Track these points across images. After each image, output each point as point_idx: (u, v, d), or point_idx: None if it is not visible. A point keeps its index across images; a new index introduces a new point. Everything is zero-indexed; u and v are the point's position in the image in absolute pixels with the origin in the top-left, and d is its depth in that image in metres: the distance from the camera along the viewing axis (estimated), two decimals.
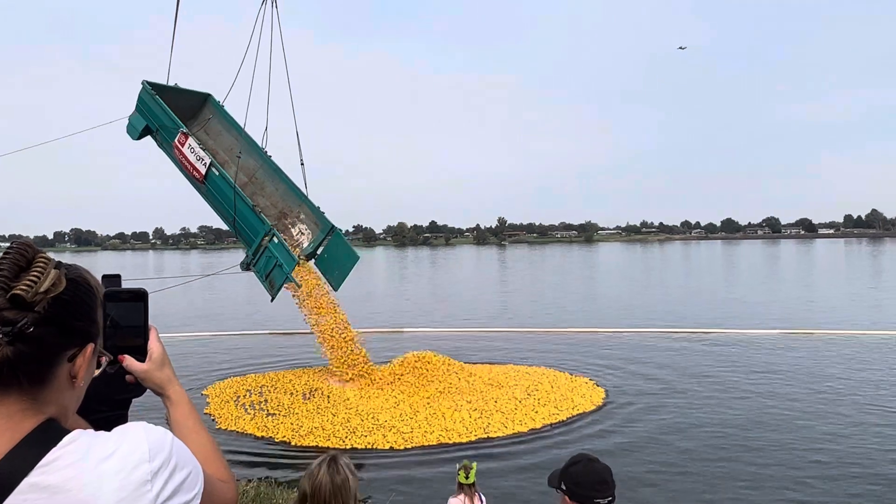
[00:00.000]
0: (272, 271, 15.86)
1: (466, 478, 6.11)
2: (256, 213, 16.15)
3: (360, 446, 11.60)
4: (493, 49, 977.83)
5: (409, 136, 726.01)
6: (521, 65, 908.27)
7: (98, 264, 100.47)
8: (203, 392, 15.33)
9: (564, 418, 12.95)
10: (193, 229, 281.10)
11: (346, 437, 11.99)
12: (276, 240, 15.81)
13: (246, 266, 16.62)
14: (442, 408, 13.37)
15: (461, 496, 6.12)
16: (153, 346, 1.56)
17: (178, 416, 1.56)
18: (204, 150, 16.54)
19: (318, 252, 17.40)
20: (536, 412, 13.18)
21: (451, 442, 11.72)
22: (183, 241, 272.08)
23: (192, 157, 16.42)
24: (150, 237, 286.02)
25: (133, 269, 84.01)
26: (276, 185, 17.95)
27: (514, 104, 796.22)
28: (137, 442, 1.15)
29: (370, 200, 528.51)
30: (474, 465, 6.26)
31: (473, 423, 12.50)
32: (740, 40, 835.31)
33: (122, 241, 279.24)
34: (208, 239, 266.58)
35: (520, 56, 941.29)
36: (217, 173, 16.28)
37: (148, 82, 16.85)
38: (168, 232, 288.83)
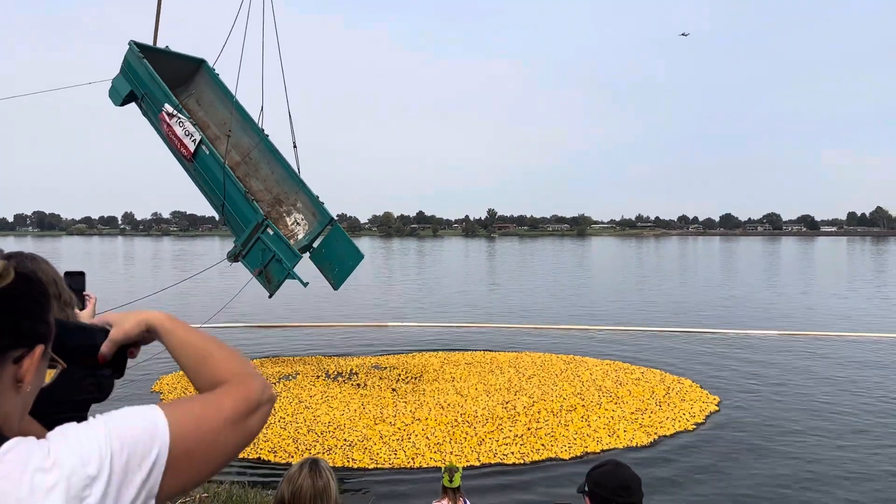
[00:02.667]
0: (268, 265, 15.45)
1: (451, 481, 6.05)
2: (248, 200, 15.58)
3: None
4: (489, 34, 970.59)
5: (398, 122, 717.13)
6: (517, 51, 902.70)
7: (62, 250, 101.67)
8: (153, 389, 14.35)
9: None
10: (166, 214, 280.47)
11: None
12: (270, 231, 15.39)
13: (234, 257, 16.02)
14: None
15: (445, 500, 6.08)
16: (107, 317, 1.41)
17: (176, 343, 1.37)
18: (194, 126, 15.85)
19: (315, 245, 16.78)
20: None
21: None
22: (154, 226, 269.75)
23: (179, 132, 15.73)
24: (119, 222, 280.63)
25: (102, 258, 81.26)
26: (272, 167, 17.17)
27: (508, 91, 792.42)
28: (73, 446, 1.03)
29: (355, 188, 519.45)
30: (459, 468, 6.28)
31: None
32: (745, 28, 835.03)
33: (89, 226, 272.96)
34: (181, 225, 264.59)
35: (517, 41, 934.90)
36: (207, 152, 15.70)
37: (136, 43, 15.92)
38: (138, 217, 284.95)
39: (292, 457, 10.43)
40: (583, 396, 13.62)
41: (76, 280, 1.74)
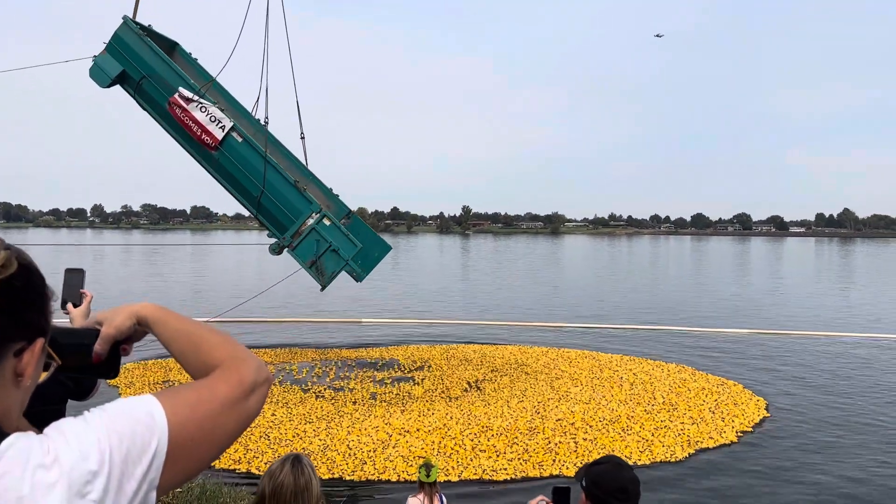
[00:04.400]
0: (322, 256, 15.16)
1: (427, 476, 6.07)
2: (300, 190, 15.29)
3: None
4: (467, 30, 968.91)
5: (373, 118, 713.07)
6: (495, 47, 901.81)
7: (28, 242, 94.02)
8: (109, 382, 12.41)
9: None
10: (136, 207, 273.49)
11: None
12: (326, 221, 15.21)
13: (279, 250, 15.56)
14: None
15: (420, 495, 6.09)
16: (97, 315, 1.41)
17: (168, 333, 1.35)
18: (222, 111, 15.29)
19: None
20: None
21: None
22: (124, 219, 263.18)
23: (201, 118, 15.02)
24: (88, 214, 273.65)
25: (72, 251, 77.68)
26: (275, 158, 15.92)
27: (485, 88, 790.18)
28: (72, 442, 1.01)
29: (328, 183, 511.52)
30: (436, 463, 6.53)
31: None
32: (720, 29, 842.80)
33: (57, 218, 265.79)
34: (152, 218, 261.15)
35: (495, 38, 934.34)
36: (240, 140, 15.23)
37: (131, 19, 15.31)
38: (108, 209, 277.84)
39: (239, 462, 9.85)
40: (630, 405, 12.74)
41: (76, 277, 1.73)
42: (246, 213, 17.55)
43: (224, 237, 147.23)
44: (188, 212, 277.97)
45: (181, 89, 15.09)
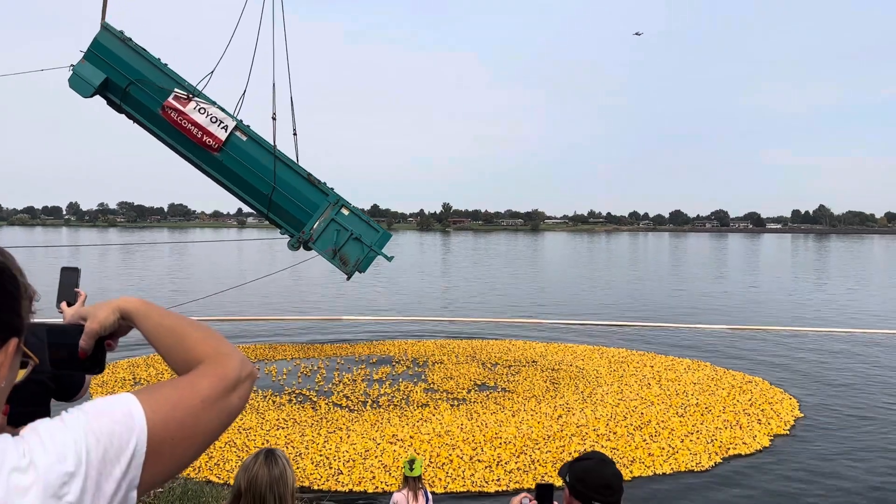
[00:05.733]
0: (344, 245, 15.10)
1: (411, 470, 6.11)
2: (314, 183, 15.11)
3: None
4: (447, 27, 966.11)
5: (353, 115, 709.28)
6: (475, 45, 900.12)
7: (3, 241, 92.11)
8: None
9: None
10: (112, 205, 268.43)
11: None
12: (345, 211, 15.14)
13: (298, 246, 15.30)
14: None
15: (405, 490, 6.13)
16: (80, 311, 1.40)
17: (151, 327, 1.33)
18: (223, 111, 14.88)
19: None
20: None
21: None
22: (101, 217, 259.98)
23: (201, 120, 14.52)
24: (64, 212, 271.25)
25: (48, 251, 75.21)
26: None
27: (465, 86, 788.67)
28: (47, 443, 1.00)
29: None
30: (419, 457, 6.68)
31: None
32: (700, 28, 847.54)
33: (31, 216, 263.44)
34: (129, 216, 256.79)
35: (475, 35, 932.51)
36: (245, 138, 14.89)
37: (109, 25, 14.63)
38: (84, 207, 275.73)
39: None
40: (661, 407, 12.17)
41: (71, 276, 1.74)
42: (225, 210, 17.37)
43: (203, 235, 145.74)
44: (166, 209, 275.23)
45: (176, 91, 14.55)
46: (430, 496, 6.30)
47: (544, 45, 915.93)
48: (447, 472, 9.20)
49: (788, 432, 11.36)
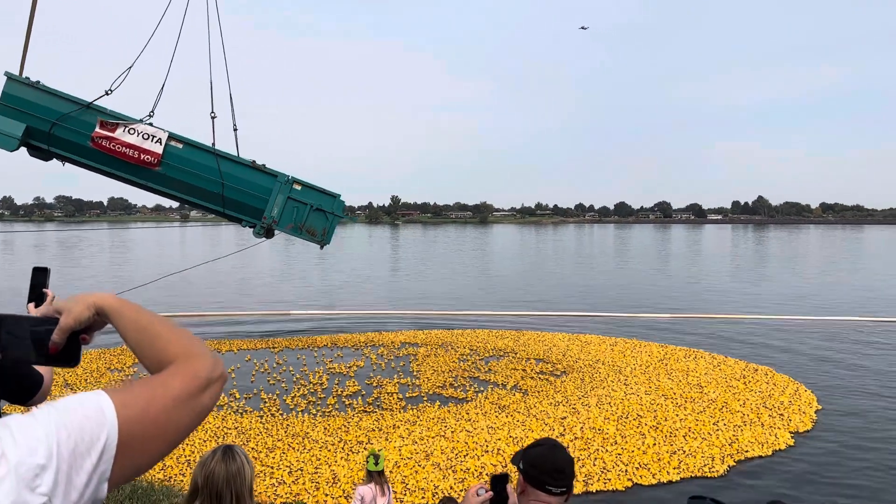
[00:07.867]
0: (307, 219, 15.36)
1: (376, 465, 6.14)
2: (260, 169, 15.29)
3: None
4: (398, 18, 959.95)
5: (299, 108, 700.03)
6: (427, 37, 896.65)
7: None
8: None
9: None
10: (49, 199, 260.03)
11: None
12: (297, 186, 15.38)
13: (265, 233, 15.23)
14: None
15: (371, 484, 6.12)
16: (56, 305, 1.39)
17: (126, 324, 1.34)
18: (151, 124, 14.70)
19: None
20: None
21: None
22: (37, 212, 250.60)
23: (134, 140, 14.42)
24: None
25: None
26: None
27: (414, 78, 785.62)
28: (17, 437, 1.01)
29: None
30: (382, 452, 6.54)
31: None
32: (648, 23, 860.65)
33: None
34: (67, 210, 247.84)
35: (426, 27, 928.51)
36: (181, 146, 14.88)
37: (11, 73, 14.15)
38: (19, 202, 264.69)
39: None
40: (680, 401, 12.14)
41: (40, 276, 1.71)
42: (167, 204, 16.95)
43: (144, 229, 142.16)
44: (105, 203, 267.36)
45: (100, 119, 14.31)
46: (391, 491, 6.35)
47: (498, 38, 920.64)
48: (416, 483, 8.95)
49: (810, 427, 11.53)
